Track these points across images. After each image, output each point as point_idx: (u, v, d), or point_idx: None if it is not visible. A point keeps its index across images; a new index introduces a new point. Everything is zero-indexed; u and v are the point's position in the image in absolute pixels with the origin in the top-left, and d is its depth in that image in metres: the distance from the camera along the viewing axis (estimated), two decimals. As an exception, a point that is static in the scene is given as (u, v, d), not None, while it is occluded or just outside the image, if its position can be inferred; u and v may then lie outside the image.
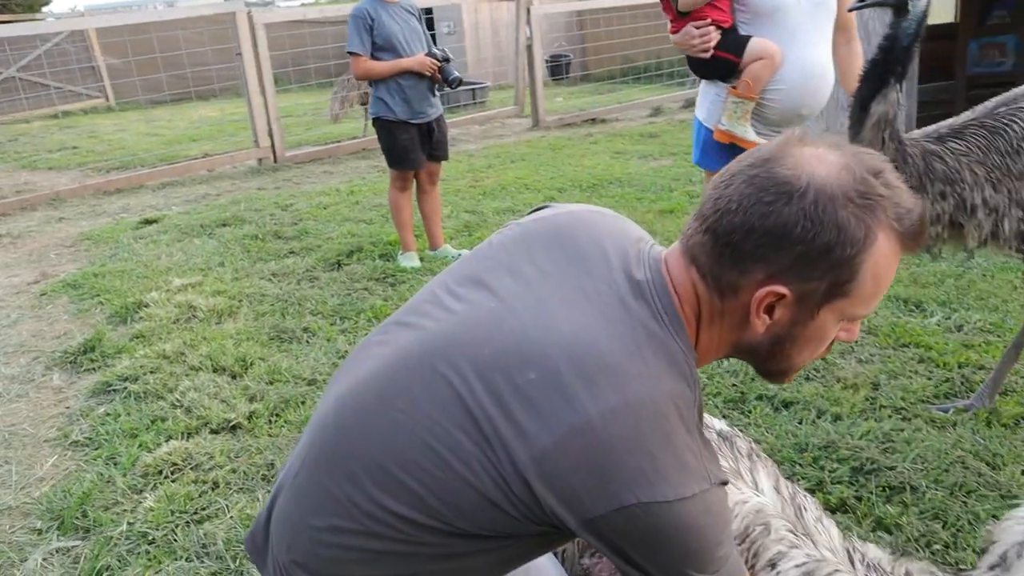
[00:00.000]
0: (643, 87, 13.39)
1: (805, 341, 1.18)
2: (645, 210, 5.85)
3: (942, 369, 3.19)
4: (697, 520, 1.10)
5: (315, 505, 1.22)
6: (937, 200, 2.27)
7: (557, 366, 1.09)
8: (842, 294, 1.10)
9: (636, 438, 1.07)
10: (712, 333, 1.21)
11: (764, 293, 1.11)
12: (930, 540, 2.19)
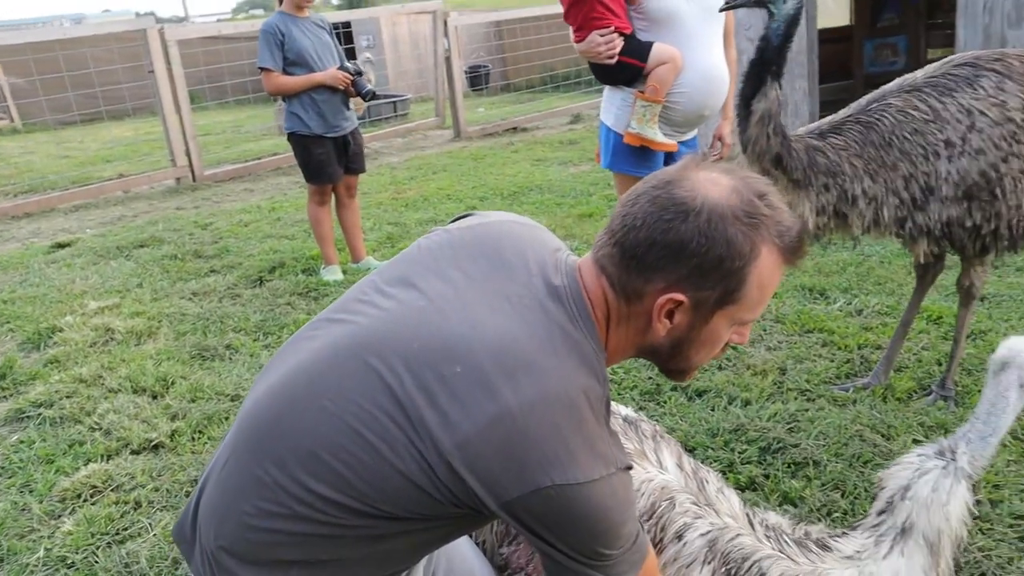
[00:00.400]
0: (562, 95, 13.62)
1: (701, 343, 1.32)
2: (564, 215, 5.98)
3: (844, 351, 3.38)
4: (605, 501, 1.21)
5: (243, 490, 1.27)
6: (822, 192, 2.44)
7: (481, 361, 1.18)
8: (732, 301, 1.26)
9: (551, 427, 1.17)
10: (620, 335, 1.33)
11: (665, 300, 1.24)
12: (831, 509, 2.33)
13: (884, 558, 1.73)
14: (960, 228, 2.41)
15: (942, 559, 1.72)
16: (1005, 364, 1.68)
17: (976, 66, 2.38)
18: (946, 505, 1.68)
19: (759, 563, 1.74)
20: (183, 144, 8.32)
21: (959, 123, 2.32)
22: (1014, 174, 2.33)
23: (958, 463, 1.68)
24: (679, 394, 3.09)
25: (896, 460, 1.81)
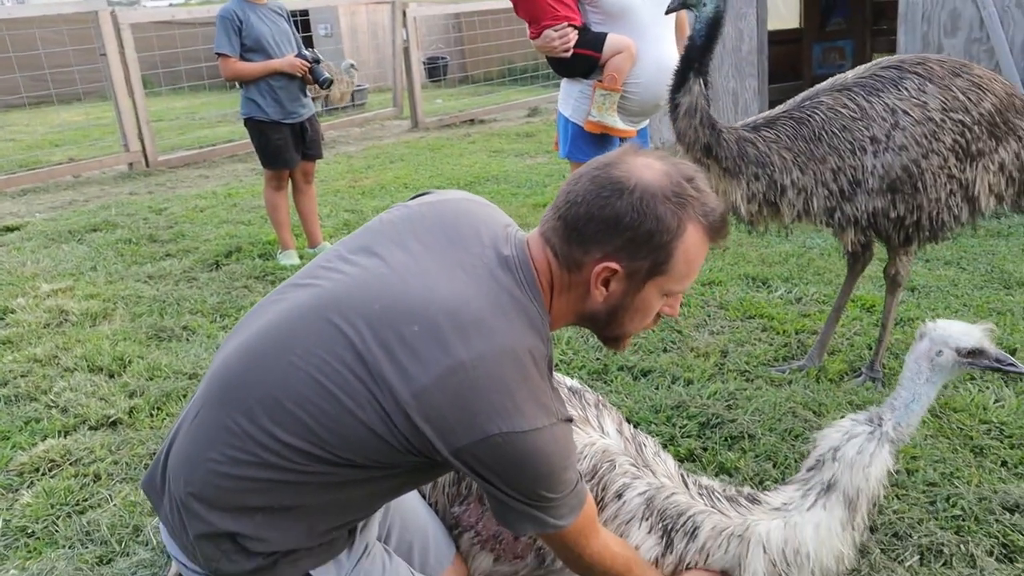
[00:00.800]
0: (520, 88, 13.73)
1: (635, 311, 1.46)
2: (520, 204, 6.10)
3: (782, 336, 3.56)
4: (547, 447, 1.34)
5: (213, 440, 1.37)
6: (752, 180, 2.60)
7: (437, 321, 1.31)
8: (661, 272, 1.40)
9: (499, 380, 1.30)
10: (562, 301, 1.47)
11: (601, 268, 1.39)
12: (763, 478, 2.49)
13: (808, 510, 1.88)
14: (885, 219, 2.59)
15: (858, 515, 1.88)
16: (922, 335, 1.86)
17: (901, 69, 2.56)
18: (868, 467, 1.83)
19: (693, 517, 1.89)
20: (136, 129, 8.22)
21: (884, 121, 2.50)
22: (933, 170, 2.51)
23: (884, 428, 1.84)
24: (625, 373, 3.23)
25: (832, 424, 1.97)
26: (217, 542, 1.43)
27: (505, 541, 1.94)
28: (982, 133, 2.54)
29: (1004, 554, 2.14)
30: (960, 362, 1.83)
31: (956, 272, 4.24)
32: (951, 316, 3.63)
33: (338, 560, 1.56)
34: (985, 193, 2.61)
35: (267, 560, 1.46)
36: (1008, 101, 2.61)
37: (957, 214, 2.61)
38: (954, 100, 2.51)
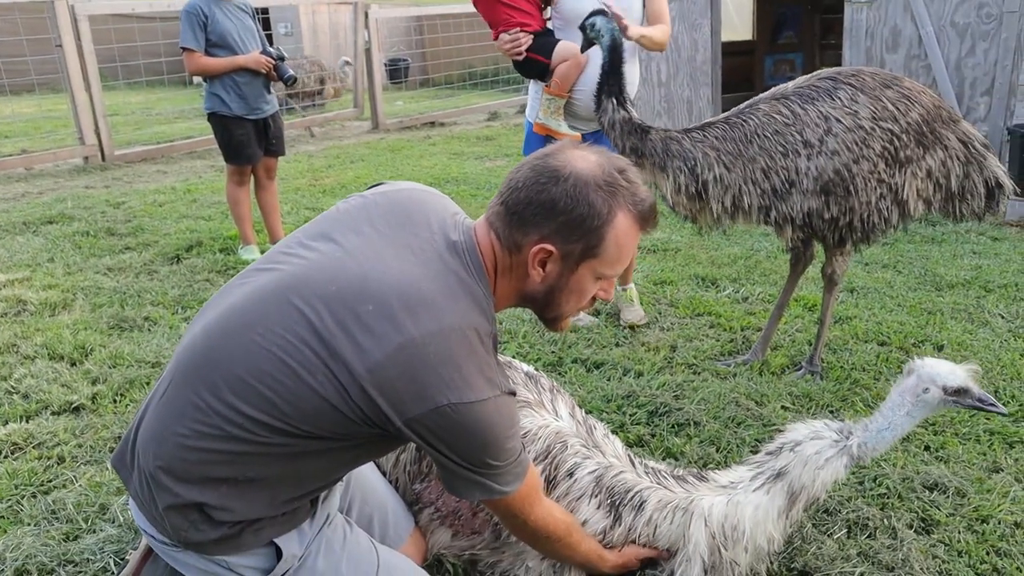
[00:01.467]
0: (481, 92, 13.86)
1: (570, 291, 1.59)
2: (479, 205, 6.22)
3: (728, 332, 3.74)
4: (492, 417, 1.46)
5: (179, 415, 1.45)
6: (677, 174, 2.81)
7: (389, 300, 1.42)
8: (594, 255, 1.53)
9: (448, 354, 1.41)
10: (505, 283, 1.61)
11: (537, 249, 1.51)
12: (707, 461, 2.65)
13: (753, 491, 2.03)
14: (820, 219, 2.78)
15: (795, 508, 2.02)
16: (910, 371, 1.96)
17: (836, 80, 2.76)
18: (820, 469, 1.96)
19: (640, 493, 2.02)
20: (92, 122, 8.13)
21: (817, 127, 2.69)
22: (864, 174, 2.70)
23: (848, 443, 1.97)
24: (579, 366, 3.37)
25: (805, 421, 2.11)
26: (185, 513, 1.51)
27: (463, 517, 2.06)
28: (910, 141, 2.74)
29: (923, 527, 2.32)
30: (945, 400, 1.93)
31: (892, 275, 4.48)
32: (887, 315, 3.85)
33: (300, 529, 1.66)
34: (914, 198, 2.80)
35: (232, 529, 1.55)
36: (935, 112, 2.82)
37: (887, 216, 2.80)
38: (884, 110, 2.71)
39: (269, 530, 1.61)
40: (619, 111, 2.86)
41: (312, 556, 1.68)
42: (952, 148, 2.83)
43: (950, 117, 2.88)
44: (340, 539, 1.75)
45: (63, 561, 2.12)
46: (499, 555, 2.06)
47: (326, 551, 1.70)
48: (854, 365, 3.33)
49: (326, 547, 1.71)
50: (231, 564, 1.61)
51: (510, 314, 3.94)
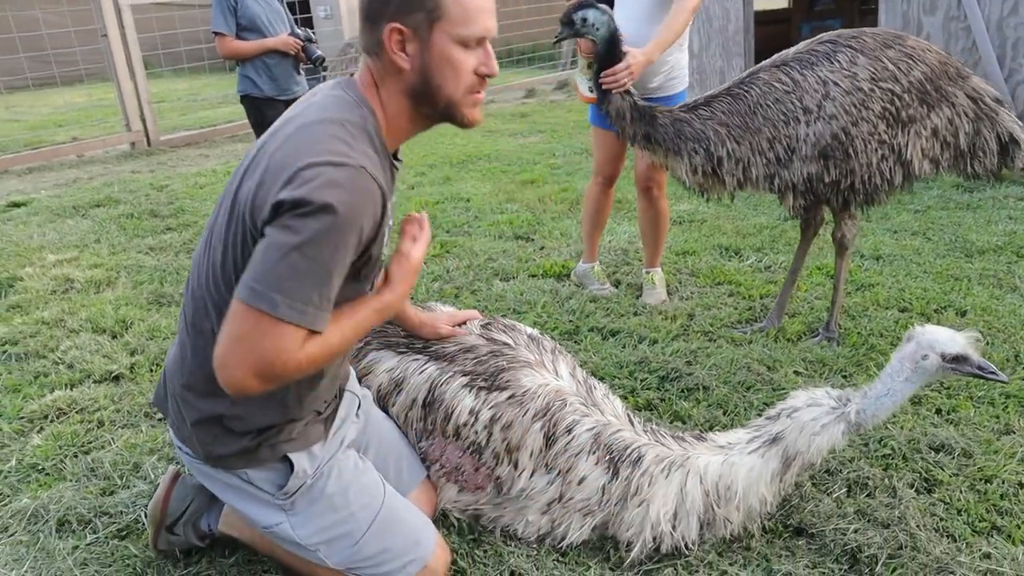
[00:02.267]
0: (518, 70, 13.85)
1: (440, 67, 1.63)
2: (508, 181, 6.29)
3: (747, 300, 3.76)
4: (338, 177, 1.52)
5: (187, 336, 1.74)
6: (692, 156, 2.82)
7: (282, 131, 1.66)
8: (437, 17, 1.59)
9: (317, 135, 1.57)
10: (388, 92, 1.68)
11: (389, 33, 1.60)
12: (712, 424, 2.70)
13: (748, 454, 2.09)
14: (820, 183, 2.79)
15: (790, 472, 2.08)
16: (910, 338, 2.01)
17: (836, 43, 2.75)
18: (815, 435, 2.02)
19: (637, 449, 2.10)
20: (137, 109, 8.41)
21: (816, 92, 2.69)
22: (863, 136, 2.70)
23: (846, 409, 2.02)
24: (595, 334, 3.44)
25: (806, 388, 2.15)
26: (208, 427, 1.74)
27: (466, 473, 2.17)
28: (912, 100, 2.72)
29: (924, 487, 2.34)
30: (944, 367, 1.97)
31: (922, 242, 4.42)
32: (911, 282, 3.82)
33: (312, 451, 1.83)
34: (919, 157, 2.79)
35: (251, 442, 1.75)
36: (941, 70, 2.79)
37: (890, 178, 2.79)
38: (883, 70, 2.70)
39: (284, 445, 1.79)
40: (625, 97, 2.89)
41: (323, 478, 1.84)
42: (960, 105, 2.80)
43: (958, 74, 2.84)
44: (351, 467, 1.91)
45: (99, 513, 2.30)
46: (501, 510, 2.17)
47: (337, 475, 1.86)
48: (872, 331, 3.33)
49: (337, 471, 1.86)
50: (251, 478, 1.80)
51: (531, 285, 4.02)
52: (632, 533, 2.06)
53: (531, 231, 5.01)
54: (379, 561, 1.87)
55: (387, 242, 1.81)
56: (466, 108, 1.70)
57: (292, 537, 1.84)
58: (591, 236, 4.02)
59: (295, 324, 1.50)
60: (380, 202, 1.60)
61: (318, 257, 1.50)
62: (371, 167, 1.57)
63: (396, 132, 1.73)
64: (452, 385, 2.14)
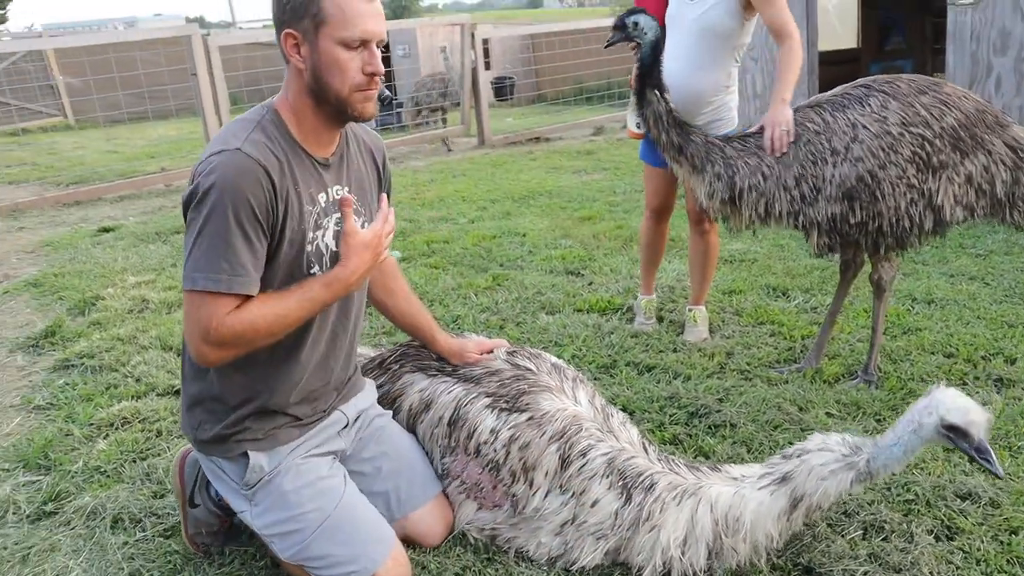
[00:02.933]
0: (589, 108, 14.06)
1: (328, 67, 1.85)
2: (566, 217, 6.42)
3: (788, 341, 3.77)
4: (216, 162, 1.80)
5: None
6: (714, 180, 2.90)
7: None
8: (322, 22, 1.81)
9: (215, 138, 1.91)
10: (295, 93, 1.93)
11: (284, 37, 1.86)
12: (735, 460, 2.73)
13: (758, 489, 2.14)
14: (846, 224, 2.82)
15: (797, 512, 2.10)
16: (929, 392, 1.98)
17: (869, 87, 2.80)
18: (823, 480, 2.05)
19: (650, 476, 2.18)
20: (222, 142, 8.91)
21: (844, 134, 2.74)
22: (891, 179, 2.73)
23: (856, 458, 2.04)
24: (631, 368, 3.51)
25: (825, 432, 2.18)
26: (195, 411, 2.02)
27: (484, 489, 2.28)
28: (944, 146, 2.74)
29: (945, 534, 2.31)
30: (940, 432, 1.93)
31: (979, 287, 4.33)
32: (961, 328, 3.76)
33: (277, 451, 2.05)
34: (950, 203, 2.79)
35: (226, 431, 1.99)
36: (977, 117, 2.80)
37: (919, 222, 2.80)
38: (915, 115, 2.73)
39: (249, 443, 2.00)
40: (662, 102, 2.99)
41: (281, 475, 2.03)
42: (997, 153, 2.80)
43: (996, 122, 2.84)
44: (313, 471, 2.07)
45: (149, 513, 2.50)
46: (516, 531, 2.27)
47: (295, 475, 2.04)
48: (912, 376, 3.30)
49: (296, 472, 2.04)
50: (222, 466, 2.05)
51: (575, 319, 4.12)
52: (643, 558, 2.12)
53: (582, 267, 5.12)
54: (326, 563, 1.99)
55: (326, 231, 2.02)
56: (357, 103, 1.92)
57: (252, 525, 2.06)
58: (644, 270, 4.11)
59: (214, 292, 1.77)
60: (265, 179, 1.82)
61: (216, 231, 1.77)
62: (253, 150, 1.82)
63: (311, 129, 1.96)
64: (476, 405, 2.28)
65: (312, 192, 1.98)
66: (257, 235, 1.82)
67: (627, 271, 4.94)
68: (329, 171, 2.04)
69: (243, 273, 1.79)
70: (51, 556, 2.33)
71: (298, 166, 1.94)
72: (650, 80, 3.03)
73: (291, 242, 1.93)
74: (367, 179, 2.18)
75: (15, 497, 2.65)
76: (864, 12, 8.64)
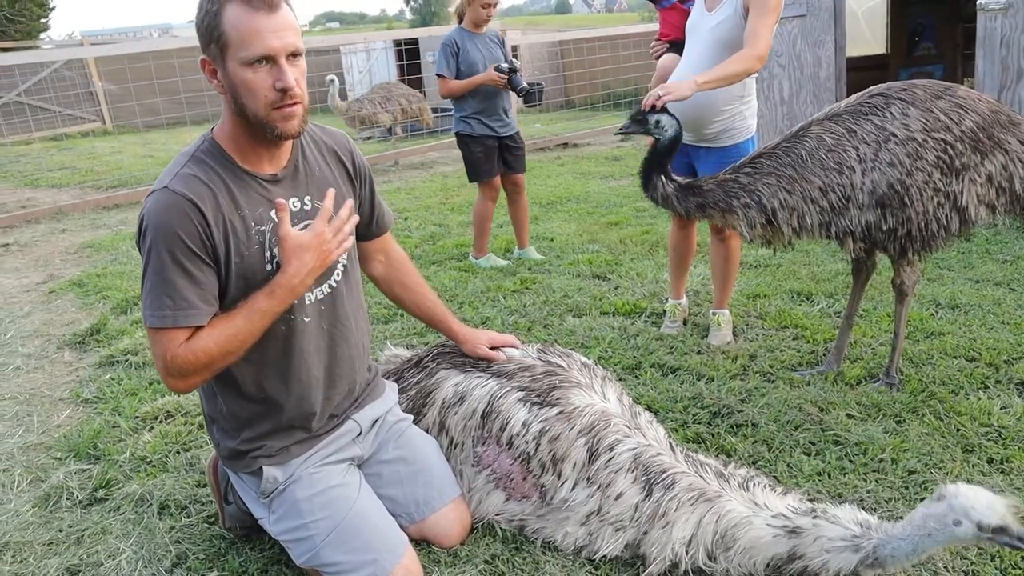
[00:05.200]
0: (617, 114, 14.12)
1: (240, 88, 1.86)
2: (593, 222, 6.51)
3: (811, 344, 3.82)
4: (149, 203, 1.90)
5: None
6: (745, 209, 2.94)
7: None
8: (226, 45, 1.83)
9: (168, 166, 1.99)
10: (227, 115, 1.96)
11: (201, 63, 1.91)
12: (756, 459, 2.80)
13: (767, 525, 2.15)
14: (878, 231, 2.87)
15: (792, 566, 2.11)
16: (940, 497, 1.94)
17: (887, 95, 2.86)
18: (825, 551, 2.06)
19: (673, 475, 2.25)
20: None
21: (869, 143, 2.80)
22: (919, 185, 2.78)
23: (863, 541, 2.03)
24: (656, 370, 3.59)
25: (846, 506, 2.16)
26: (211, 426, 2.15)
27: (514, 480, 2.38)
28: (965, 148, 2.79)
29: None
30: (979, 536, 1.85)
31: (1004, 292, 4.35)
32: (985, 332, 3.78)
33: (289, 464, 2.14)
34: (974, 204, 2.85)
35: (240, 446, 2.11)
36: (993, 118, 2.85)
37: (947, 224, 2.86)
38: (936, 120, 2.78)
39: (263, 460, 2.11)
40: (668, 185, 3.07)
41: (295, 484, 2.12)
42: (1014, 151, 2.85)
43: (1010, 120, 2.89)
44: (325, 480, 2.16)
45: (194, 501, 2.64)
46: (544, 521, 2.36)
47: (307, 484, 2.13)
48: (933, 379, 3.34)
49: (308, 481, 2.13)
50: (243, 477, 2.17)
51: (601, 322, 4.21)
52: (655, 551, 2.20)
53: (609, 271, 5.20)
54: (336, 570, 2.07)
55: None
56: (276, 122, 1.90)
57: (270, 531, 2.16)
58: (673, 274, 4.19)
59: (162, 328, 1.85)
60: (194, 212, 1.87)
61: (155, 270, 1.86)
62: (180, 185, 1.88)
63: (251, 149, 1.99)
64: (509, 399, 2.38)
65: (262, 211, 1.98)
66: (197, 267, 1.87)
67: (653, 275, 5.01)
68: (281, 185, 2.03)
69: (186, 307, 1.85)
70: (103, 539, 2.47)
71: (240, 189, 1.95)
72: (659, 168, 3.11)
73: (243, 265, 1.95)
74: (334, 181, 2.16)
75: (68, 484, 2.80)
76: (894, 18, 8.62)
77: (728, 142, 3.60)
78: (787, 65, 7.62)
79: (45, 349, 4.26)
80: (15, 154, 13.07)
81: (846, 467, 2.71)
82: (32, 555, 2.42)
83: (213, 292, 1.91)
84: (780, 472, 2.70)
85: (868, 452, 2.79)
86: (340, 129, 2.33)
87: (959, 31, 8.78)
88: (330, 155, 2.20)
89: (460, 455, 2.45)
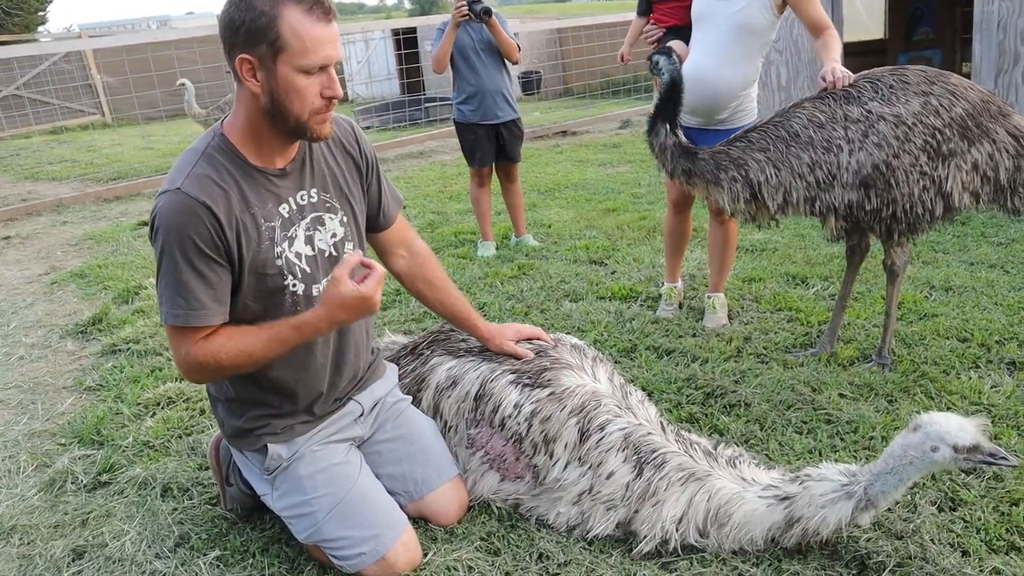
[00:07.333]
0: (616, 101, 14.11)
1: (287, 92, 1.85)
2: (591, 209, 6.54)
3: (805, 326, 3.86)
4: (161, 203, 1.89)
5: None
6: (731, 183, 2.98)
7: None
8: (281, 49, 1.80)
9: (176, 164, 1.96)
10: (249, 112, 1.93)
11: (239, 62, 1.84)
12: (748, 438, 2.85)
13: (759, 497, 2.21)
14: (861, 210, 2.90)
15: (791, 532, 2.15)
16: (916, 427, 2.04)
17: (879, 79, 2.88)
18: (820, 508, 2.11)
19: (663, 454, 2.29)
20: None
21: (859, 123, 2.83)
22: (905, 167, 2.81)
23: (853, 487, 2.09)
24: (651, 352, 3.63)
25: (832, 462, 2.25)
26: (218, 407, 2.19)
27: (508, 461, 2.42)
28: (953, 135, 2.82)
29: (948, 505, 2.41)
30: (956, 458, 1.97)
31: (998, 274, 4.38)
32: (977, 314, 3.82)
33: (294, 441, 2.18)
34: (959, 190, 2.88)
35: (245, 424, 2.15)
36: (983, 107, 2.88)
37: (931, 208, 2.89)
38: (926, 105, 2.81)
39: (267, 437, 2.15)
40: (670, 136, 3.09)
41: (298, 461, 2.17)
42: (1001, 142, 2.88)
43: (1000, 111, 2.92)
44: (328, 458, 2.20)
45: (196, 483, 2.69)
46: (537, 500, 2.40)
47: (310, 461, 2.17)
48: (925, 359, 3.38)
49: (311, 459, 2.17)
50: (247, 455, 2.21)
51: (598, 307, 4.25)
52: (645, 528, 2.24)
53: (605, 256, 5.24)
54: (338, 545, 2.12)
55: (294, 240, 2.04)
56: (315, 126, 1.93)
57: (273, 507, 2.22)
58: (668, 258, 4.24)
59: (176, 326, 1.90)
60: (207, 214, 1.87)
61: (169, 271, 1.87)
62: (193, 187, 1.87)
63: (267, 145, 1.99)
64: (500, 381, 2.42)
65: (271, 207, 2.00)
66: (210, 268, 1.88)
67: (649, 260, 5.05)
68: (288, 179, 2.05)
69: (198, 307, 1.88)
70: (108, 521, 2.53)
71: (251, 187, 1.97)
72: (664, 114, 3.14)
73: (255, 262, 1.97)
74: (340, 171, 2.18)
75: (72, 468, 2.85)
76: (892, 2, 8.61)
77: (736, 124, 3.63)
78: (784, 51, 7.63)
79: (48, 339, 4.31)
80: (15, 147, 13.10)
81: (837, 445, 2.76)
82: (39, 537, 2.47)
83: (226, 291, 1.95)
84: (772, 450, 2.75)
85: (859, 430, 2.83)
86: (347, 116, 2.35)
87: (958, 15, 8.77)
88: (336, 145, 2.20)
89: (454, 438, 2.49)
